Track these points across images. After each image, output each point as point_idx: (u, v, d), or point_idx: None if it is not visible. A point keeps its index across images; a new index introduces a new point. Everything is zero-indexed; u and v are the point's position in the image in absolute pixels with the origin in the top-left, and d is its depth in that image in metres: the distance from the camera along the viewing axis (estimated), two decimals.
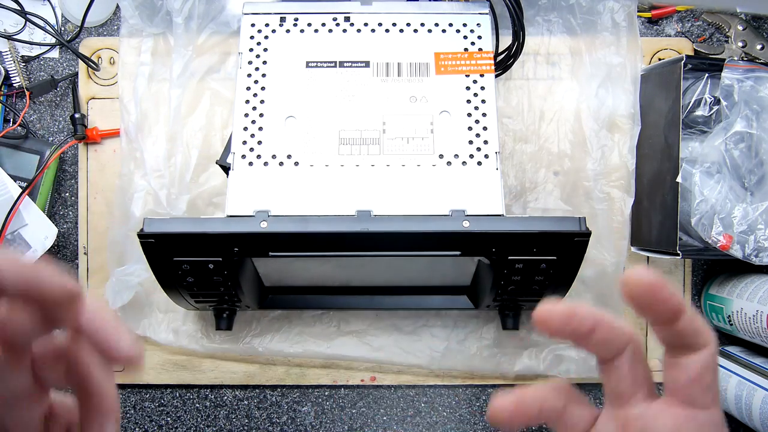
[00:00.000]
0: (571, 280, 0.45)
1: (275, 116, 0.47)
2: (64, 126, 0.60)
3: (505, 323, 0.52)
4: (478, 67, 0.48)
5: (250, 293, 0.49)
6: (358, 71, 0.48)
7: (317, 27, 0.50)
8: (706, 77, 0.52)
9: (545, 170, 0.58)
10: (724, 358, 0.58)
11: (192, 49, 0.55)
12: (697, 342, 0.23)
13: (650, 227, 0.55)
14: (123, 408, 0.60)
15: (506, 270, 0.43)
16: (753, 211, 0.50)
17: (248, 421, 0.60)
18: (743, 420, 0.54)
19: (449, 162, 0.45)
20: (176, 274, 0.44)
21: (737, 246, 0.50)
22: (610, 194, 0.56)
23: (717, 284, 0.59)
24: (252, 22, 0.50)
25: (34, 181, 0.55)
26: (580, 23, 0.57)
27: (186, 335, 0.57)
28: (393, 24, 0.50)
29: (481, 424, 0.60)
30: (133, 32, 0.56)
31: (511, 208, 0.58)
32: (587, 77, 0.57)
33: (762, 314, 0.51)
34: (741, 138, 0.51)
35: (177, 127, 0.55)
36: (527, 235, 0.41)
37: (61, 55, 0.60)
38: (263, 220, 0.41)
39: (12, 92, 0.58)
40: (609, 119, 0.56)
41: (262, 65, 0.48)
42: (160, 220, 0.41)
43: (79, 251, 0.59)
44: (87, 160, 0.59)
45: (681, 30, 0.61)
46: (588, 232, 0.41)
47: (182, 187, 0.55)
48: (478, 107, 0.47)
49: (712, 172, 0.51)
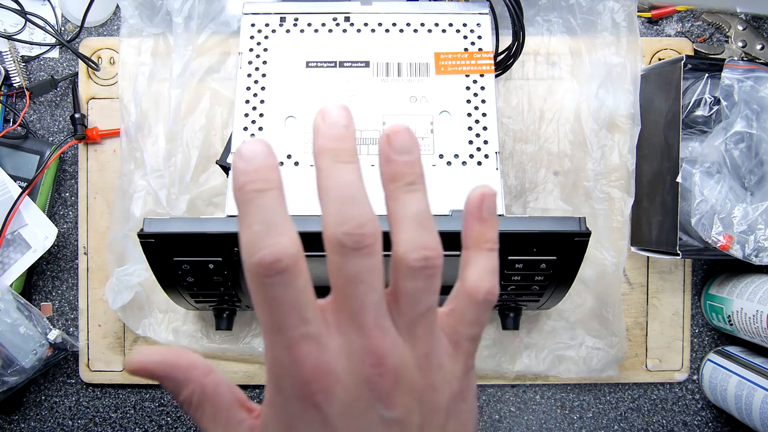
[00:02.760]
0: (571, 280, 0.45)
1: (275, 116, 0.47)
2: (64, 126, 0.60)
3: (505, 323, 0.52)
4: (478, 67, 0.48)
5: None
6: (358, 71, 0.48)
7: (317, 27, 0.50)
8: (706, 77, 0.52)
9: (545, 170, 0.58)
10: (724, 358, 0.58)
11: (192, 49, 0.55)
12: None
13: (650, 227, 0.55)
14: (123, 408, 0.60)
15: (506, 270, 0.43)
16: (753, 211, 0.50)
17: None
18: (743, 420, 0.54)
19: (449, 162, 0.45)
20: (176, 274, 0.44)
21: (737, 246, 0.50)
22: (610, 194, 0.56)
23: (717, 284, 0.59)
24: (252, 22, 0.50)
25: (34, 181, 0.55)
26: (580, 23, 0.57)
27: (186, 335, 0.57)
28: (393, 24, 0.50)
29: (481, 423, 0.60)
30: (133, 32, 0.56)
31: (511, 208, 0.58)
32: (587, 77, 0.57)
33: (762, 314, 0.51)
34: (741, 138, 0.51)
35: (177, 127, 0.55)
36: (527, 235, 0.41)
37: (61, 55, 0.60)
38: None
39: (12, 92, 0.58)
40: (609, 119, 0.56)
41: (262, 65, 0.48)
42: (160, 220, 0.41)
43: (79, 251, 0.59)
44: (87, 160, 0.59)
45: (681, 30, 0.61)
46: (588, 232, 0.41)
47: (182, 187, 0.55)
48: (478, 107, 0.47)
49: (712, 172, 0.51)
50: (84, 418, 0.60)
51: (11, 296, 0.53)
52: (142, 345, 0.58)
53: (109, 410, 0.60)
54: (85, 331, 0.58)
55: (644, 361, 0.60)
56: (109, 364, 0.59)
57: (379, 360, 0.24)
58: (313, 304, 0.24)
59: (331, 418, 0.24)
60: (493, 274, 0.27)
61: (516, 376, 0.59)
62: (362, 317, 0.24)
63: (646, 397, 0.61)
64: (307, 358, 0.23)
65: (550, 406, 0.61)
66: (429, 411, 0.26)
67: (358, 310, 0.24)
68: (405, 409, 0.25)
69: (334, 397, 0.24)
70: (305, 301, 0.23)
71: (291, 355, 0.23)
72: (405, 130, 0.25)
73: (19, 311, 0.53)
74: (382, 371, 0.24)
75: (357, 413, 0.24)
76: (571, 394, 0.61)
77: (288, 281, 0.23)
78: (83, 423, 0.60)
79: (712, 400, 0.59)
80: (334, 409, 0.24)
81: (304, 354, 0.23)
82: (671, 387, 0.61)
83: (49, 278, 0.60)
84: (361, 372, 0.24)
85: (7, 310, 0.52)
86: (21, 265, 0.55)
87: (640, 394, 0.61)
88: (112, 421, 0.60)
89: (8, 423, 0.60)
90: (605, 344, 0.57)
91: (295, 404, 0.24)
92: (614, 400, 0.61)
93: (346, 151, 0.24)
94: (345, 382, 0.24)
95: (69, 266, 0.59)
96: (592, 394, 0.61)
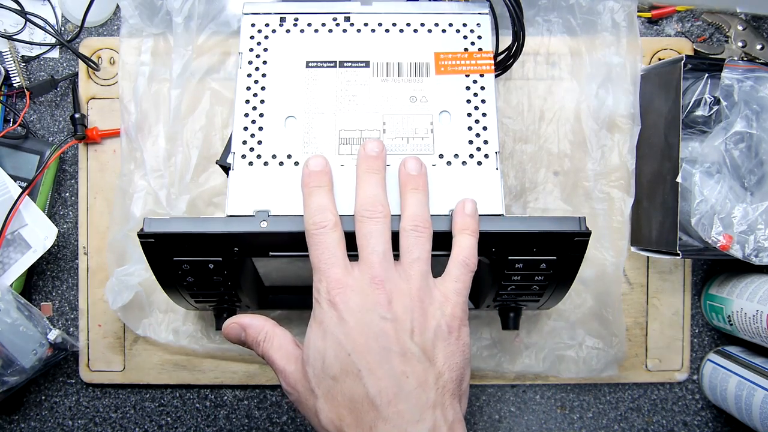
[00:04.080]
0: (571, 280, 0.45)
1: (275, 116, 0.47)
2: (64, 126, 0.60)
3: (505, 323, 0.52)
4: (478, 67, 0.48)
5: (250, 293, 0.49)
6: (358, 71, 0.48)
7: (317, 27, 0.50)
8: (706, 77, 0.52)
9: (545, 170, 0.58)
10: (724, 358, 0.58)
11: (192, 49, 0.55)
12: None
13: (650, 227, 0.55)
14: (123, 408, 0.60)
15: (506, 270, 0.44)
16: (753, 211, 0.50)
17: (248, 421, 0.60)
18: (743, 420, 0.54)
19: (449, 162, 0.45)
20: (176, 274, 0.44)
21: (737, 246, 0.50)
22: (610, 194, 0.56)
23: (717, 284, 0.59)
24: (252, 22, 0.50)
25: (34, 181, 0.55)
26: (580, 23, 0.57)
27: (186, 335, 0.57)
28: (393, 24, 0.50)
29: (481, 423, 0.60)
30: (133, 32, 0.56)
31: (511, 208, 0.58)
32: (587, 77, 0.57)
33: (762, 314, 0.51)
34: (741, 138, 0.51)
35: (177, 127, 0.55)
36: (527, 235, 0.41)
37: (61, 55, 0.60)
38: (263, 220, 0.41)
39: (12, 92, 0.58)
40: (609, 119, 0.56)
41: (262, 65, 0.48)
42: (160, 220, 0.41)
43: (79, 251, 0.59)
44: (87, 160, 0.59)
45: (681, 30, 0.61)
46: (588, 232, 0.41)
47: (182, 187, 0.55)
48: (478, 107, 0.47)
49: (712, 172, 0.51)
50: (84, 418, 0.60)
51: (11, 296, 0.53)
52: (142, 345, 0.58)
53: (109, 410, 0.60)
54: (85, 331, 0.58)
55: (644, 361, 0.60)
56: (109, 364, 0.59)
57: (379, 280, 0.38)
58: (343, 250, 0.39)
59: (344, 314, 0.37)
60: (473, 249, 0.40)
61: (516, 376, 0.59)
62: (371, 259, 0.38)
63: (646, 397, 0.61)
64: (333, 275, 0.38)
65: (550, 406, 0.61)
66: (420, 326, 0.38)
67: (368, 254, 0.39)
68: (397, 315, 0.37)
69: (348, 300, 0.37)
70: (336, 246, 0.39)
71: (323, 274, 0.38)
72: (414, 159, 0.43)
73: (19, 311, 0.53)
74: (380, 287, 0.38)
75: (362, 310, 0.37)
76: (571, 394, 0.61)
77: (326, 233, 0.39)
78: (83, 423, 0.60)
79: (712, 400, 0.60)
80: (347, 307, 0.37)
81: (331, 273, 0.38)
82: (671, 387, 0.61)
83: (49, 278, 0.60)
84: (367, 289, 0.38)
85: (7, 310, 0.52)
86: (21, 265, 0.55)
87: (640, 394, 0.61)
88: (112, 421, 0.60)
89: (8, 423, 0.60)
90: (605, 344, 0.57)
91: (322, 306, 0.38)
92: (614, 400, 0.61)
93: (374, 167, 0.42)
94: (356, 292, 0.38)
95: (69, 266, 0.59)
96: (592, 394, 0.61)
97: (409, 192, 0.41)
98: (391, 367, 0.36)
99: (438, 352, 0.38)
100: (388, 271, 0.38)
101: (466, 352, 0.39)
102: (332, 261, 0.38)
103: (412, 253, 0.39)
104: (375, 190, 0.40)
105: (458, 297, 0.39)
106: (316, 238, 0.39)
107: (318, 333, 0.38)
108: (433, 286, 0.39)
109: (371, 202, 0.40)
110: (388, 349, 0.37)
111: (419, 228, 0.40)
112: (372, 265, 0.38)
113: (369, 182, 0.41)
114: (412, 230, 0.39)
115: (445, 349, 0.38)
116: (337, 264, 0.38)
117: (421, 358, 0.37)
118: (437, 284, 0.40)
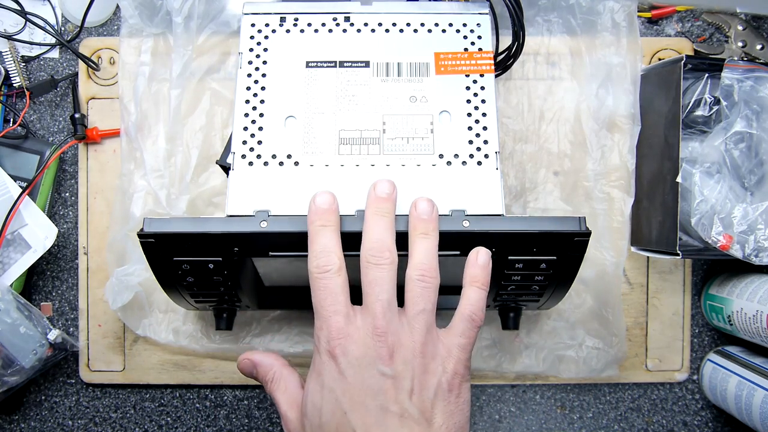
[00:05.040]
0: (571, 280, 0.45)
1: (275, 116, 0.47)
2: (64, 126, 0.60)
3: (505, 323, 0.52)
4: (478, 67, 0.48)
5: (250, 293, 0.49)
6: (358, 71, 0.48)
7: (317, 27, 0.50)
8: (706, 77, 0.52)
9: (545, 170, 0.58)
10: (724, 358, 0.58)
11: (192, 49, 0.55)
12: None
13: (650, 227, 0.55)
14: (123, 408, 0.60)
15: (506, 270, 0.43)
16: (753, 211, 0.50)
17: (248, 421, 0.60)
18: (743, 420, 0.54)
19: (449, 162, 0.45)
20: (176, 274, 0.44)
21: (737, 246, 0.50)
22: (610, 194, 0.56)
23: (717, 284, 0.59)
24: (252, 22, 0.50)
25: (34, 181, 0.55)
26: (580, 23, 0.57)
27: (186, 335, 0.57)
28: (393, 24, 0.50)
29: (481, 423, 0.60)
30: (133, 32, 0.56)
31: (511, 208, 0.58)
32: (587, 77, 0.57)
33: (762, 314, 0.51)
34: (741, 138, 0.51)
35: (177, 127, 0.55)
36: (527, 234, 0.41)
37: (61, 55, 0.60)
38: (263, 220, 0.41)
39: (12, 92, 0.58)
40: (609, 119, 0.56)
41: (262, 65, 0.48)
42: (160, 220, 0.41)
43: (79, 251, 0.59)
44: (87, 160, 0.59)
45: (681, 30, 0.61)
46: (588, 232, 0.41)
47: (182, 187, 0.55)
48: (478, 107, 0.47)
49: (712, 172, 0.51)
50: (84, 418, 0.60)
51: (11, 296, 0.53)
52: (142, 345, 0.58)
53: (109, 410, 0.60)
54: (85, 331, 0.58)
55: (644, 361, 0.60)
56: (109, 364, 0.59)
57: (381, 332, 0.37)
58: (346, 296, 0.38)
59: (343, 367, 0.37)
60: (481, 303, 0.40)
61: (516, 376, 0.59)
62: (374, 307, 0.38)
63: (646, 397, 0.61)
64: (334, 323, 0.37)
65: (550, 406, 0.61)
66: (419, 383, 0.37)
67: (372, 302, 0.38)
68: (398, 371, 0.37)
69: (348, 351, 0.37)
70: (339, 292, 0.38)
71: (325, 322, 0.38)
72: (426, 201, 0.40)
73: (19, 311, 0.53)
74: (382, 340, 0.37)
75: (362, 365, 0.37)
76: (571, 394, 0.61)
77: (330, 278, 0.38)
78: (83, 423, 0.60)
79: (712, 400, 0.59)
80: (347, 359, 0.37)
81: (332, 322, 0.37)
82: (671, 387, 0.61)
83: (49, 278, 0.60)
84: (368, 340, 0.37)
85: (7, 310, 0.52)
86: (21, 265, 0.55)
87: (640, 394, 0.61)
88: (112, 421, 0.60)
89: (8, 423, 0.60)
90: (605, 344, 0.57)
91: (322, 356, 0.38)
92: (614, 400, 0.61)
93: (383, 210, 0.40)
94: (357, 344, 0.37)
95: (69, 266, 0.59)
96: (592, 394, 0.61)
97: (419, 237, 0.40)
98: (387, 428, 0.36)
99: (437, 412, 0.37)
100: (391, 323, 0.38)
101: (466, 410, 0.39)
102: (334, 308, 0.38)
103: (417, 305, 0.38)
104: (382, 235, 0.39)
105: (462, 353, 0.39)
106: (320, 282, 0.38)
107: (316, 386, 0.38)
108: (437, 339, 0.39)
109: (378, 247, 0.38)
110: (386, 408, 0.36)
111: (426, 278, 0.38)
112: (375, 315, 0.37)
113: (377, 226, 0.39)
114: (419, 280, 0.38)
115: (444, 409, 0.37)
116: (340, 312, 0.38)
117: (420, 420, 0.37)
118: (441, 337, 0.39)
